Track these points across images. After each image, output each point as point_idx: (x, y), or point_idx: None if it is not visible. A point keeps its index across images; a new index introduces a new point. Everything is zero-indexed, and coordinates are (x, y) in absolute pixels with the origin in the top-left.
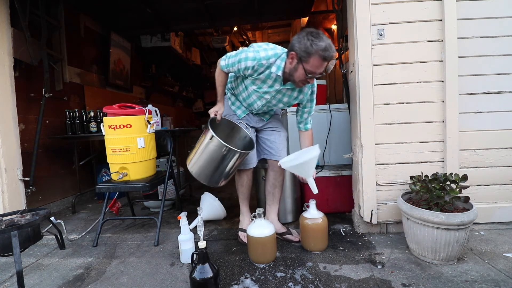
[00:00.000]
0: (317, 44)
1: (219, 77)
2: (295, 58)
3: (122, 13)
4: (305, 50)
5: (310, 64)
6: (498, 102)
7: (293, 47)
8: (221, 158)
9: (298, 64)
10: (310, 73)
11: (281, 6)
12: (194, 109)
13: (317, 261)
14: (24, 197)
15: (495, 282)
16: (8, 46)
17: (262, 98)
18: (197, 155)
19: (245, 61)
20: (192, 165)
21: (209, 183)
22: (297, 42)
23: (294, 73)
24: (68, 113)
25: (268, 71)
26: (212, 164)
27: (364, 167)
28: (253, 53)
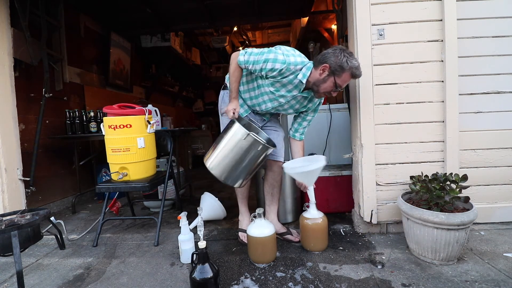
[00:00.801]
0: (352, 62)
1: (235, 73)
2: (327, 70)
3: (122, 13)
4: (340, 65)
5: (341, 79)
6: (498, 102)
7: (326, 60)
8: (253, 157)
9: (329, 76)
10: (339, 86)
11: (281, 6)
12: (194, 109)
13: (317, 261)
14: (24, 197)
15: (495, 282)
16: (8, 46)
17: (275, 101)
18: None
19: (274, 62)
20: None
21: (232, 183)
22: (333, 56)
23: (322, 84)
24: (68, 113)
25: (292, 76)
26: (241, 163)
27: (364, 167)
28: (283, 56)
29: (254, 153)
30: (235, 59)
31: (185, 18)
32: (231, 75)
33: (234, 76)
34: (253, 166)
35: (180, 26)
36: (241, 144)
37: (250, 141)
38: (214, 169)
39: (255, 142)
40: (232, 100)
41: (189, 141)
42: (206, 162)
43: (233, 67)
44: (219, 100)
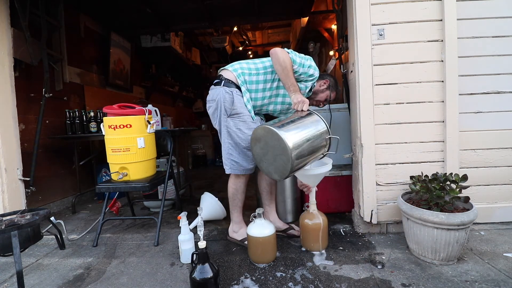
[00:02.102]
0: (338, 88)
1: (291, 66)
2: (327, 84)
3: (122, 13)
4: (334, 86)
5: (332, 94)
6: (498, 102)
7: (328, 79)
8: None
9: (327, 89)
10: (327, 100)
11: (281, 6)
12: (194, 109)
13: (317, 261)
14: (24, 197)
15: (495, 282)
16: (8, 46)
17: (286, 104)
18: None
19: (314, 69)
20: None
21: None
22: (331, 78)
23: (320, 93)
24: (68, 113)
25: (311, 83)
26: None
27: (364, 167)
28: (316, 66)
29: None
30: (287, 55)
31: (185, 18)
32: (289, 69)
33: (291, 71)
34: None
35: (180, 26)
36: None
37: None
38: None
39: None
40: (297, 92)
41: (189, 141)
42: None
43: (288, 61)
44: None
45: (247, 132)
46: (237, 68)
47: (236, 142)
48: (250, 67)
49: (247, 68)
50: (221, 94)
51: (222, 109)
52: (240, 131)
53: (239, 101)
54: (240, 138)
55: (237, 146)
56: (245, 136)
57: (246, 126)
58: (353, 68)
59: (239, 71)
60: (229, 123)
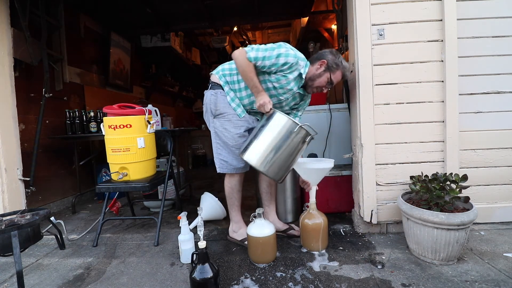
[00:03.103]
0: (345, 63)
1: (250, 67)
2: (324, 66)
3: (122, 13)
4: (336, 63)
5: (335, 75)
6: (498, 102)
7: (324, 57)
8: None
9: (325, 72)
10: (331, 83)
11: (281, 6)
12: (194, 109)
13: (317, 261)
14: (24, 197)
15: (495, 282)
16: (8, 46)
17: (275, 97)
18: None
19: (286, 57)
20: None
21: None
22: (330, 54)
23: (317, 78)
24: (68, 113)
25: (296, 72)
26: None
27: (364, 167)
28: (293, 51)
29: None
30: (243, 55)
31: (185, 18)
32: (247, 71)
33: (251, 72)
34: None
35: (180, 26)
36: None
37: (303, 133)
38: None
39: (306, 134)
40: (262, 93)
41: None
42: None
43: (245, 63)
44: (209, 101)
45: (233, 131)
46: (219, 70)
47: (224, 141)
48: (232, 67)
49: (228, 69)
50: (207, 97)
51: (209, 111)
52: (226, 130)
53: (223, 101)
54: (227, 137)
55: (226, 145)
56: (231, 135)
57: (232, 125)
58: (353, 68)
59: (221, 73)
60: (216, 124)
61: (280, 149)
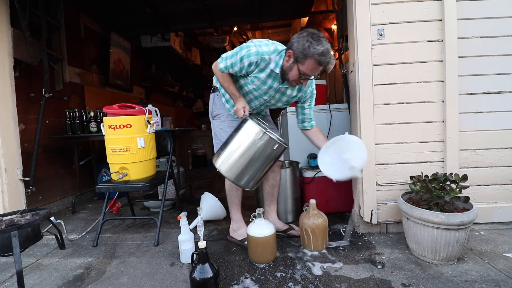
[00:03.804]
0: (315, 48)
1: (224, 77)
2: (292, 57)
3: (122, 13)
4: (302, 51)
5: (305, 66)
6: (498, 102)
7: (291, 46)
8: (268, 156)
9: (294, 64)
10: (304, 75)
11: (281, 6)
12: (194, 109)
13: (317, 261)
14: (24, 197)
15: (495, 282)
16: (8, 46)
17: (261, 98)
18: (235, 154)
19: (248, 57)
20: (226, 165)
21: (246, 185)
22: (296, 41)
23: (289, 71)
24: (68, 113)
25: (268, 68)
26: (257, 163)
27: (364, 167)
28: (256, 48)
29: (270, 152)
30: (216, 68)
31: (185, 18)
32: (222, 81)
33: (226, 81)
34: (267, 166)
35: (180, 26)
36: (257, 143)
37: (266, 140)
38: (226, 171)
39: (272, 140)
40: (238, 99)
41: (189, 141)
42: (216, 163)
43: (219, 75)
44: (210, 104)
45: (228, 131)
46: None
47: (221, 141)
48: None
49: None
50: (210, 99)
51: (209, 113)
52: (222, 130)
53: (219, 103)
54: (223, 137)
55: None
56: (227, 135)
57: (227, 125)
58: (353, 68)
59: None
60: (214, 124)
61: (247, 156)
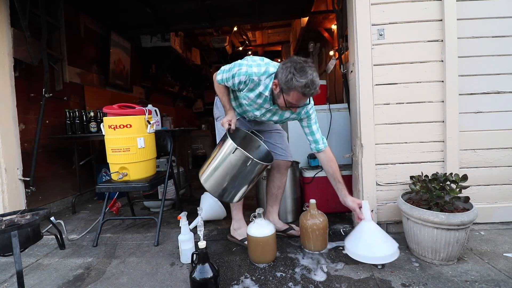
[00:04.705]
0: (298, 80)
1: (219, 89)
2: (278, 86)
3: (122, 13)
4: (285, 83)
5: (290, 97)
6: (498, 102)
7: (277, 75)
8: (246, 172)
9: (280, 93)
10: (290, 104)
11: (281, 6)
12: (194, 109)
13: (317, 261)
14: (24, 197)
15: (495, 282)
16: (8, 46)
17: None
18: (212, 168)
19: (238, 76)
20: (205, 179)
21: (228, 199)
22: (280, 72)
23: (277, 99)
24: (68, 113)
25: (257, 90)
26: (235, 179)
27: (364, 167)
28: (246, 68)
29: (245, 168)
30: (215, 79)
31: (185, 18)
32: (217, 91)
33: (220, 92)
34: (247, 181)
35: (180, 26)
36: (231, 159)
37: (239, 156)
38: (208, 186)
39: (244, 157)
40: (228, 112)
41: (189, 141)
42: (201, 178)
43: (216, 85)
44: (214, 106)
45: None
46: None
47: None
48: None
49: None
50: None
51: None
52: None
53: (220, 106)
54: None
55: None
56: None
57: None
58: (353, 68)
59: None
60: (217, 126)
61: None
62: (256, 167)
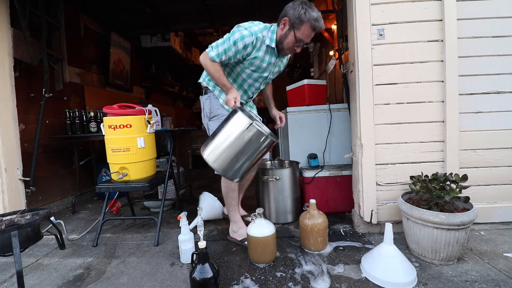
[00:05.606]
0: (310, 14)
1: (215, 67)
2: (287, 24)
3: (122, 13)
4: (298, 17)
5: (301, 32)
6: (498, 102)
7: (286, 13)
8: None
9: (290, 30)
10: (299, 41)
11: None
12: (194, 109)
13: (317, 261)
14: (24, 197)
15: (495, 282)
16: (8, 46)
17: (260, 78)
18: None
19: (242, 39)
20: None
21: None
22: (292, 9)
23: (284, 39)
24: (68, 113)
25: (264, 45)
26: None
27: (364, 167)
28: (247, 30)
29: (258, 144)
30: (206, 58)
31: (185, 18)
32: (213, 71)
33: (217, 71)
34: (255, 158)
35: (180, 26)
36: (244, 135)
37: (253, 132)
38: (213, 161)
39: (259, 132)
40: (230, 89)
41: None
42: (204, 153)
43: (209, 64)
44: (204, 105)
45: None
46: (204, 76)
47: None
48: None
49: None
50: (202, 102)
51: (204, 115)
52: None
53: (216, 104)
54: None
55: None
56: None
57: None
58: (353, 68)
59: (206, 79)
60: (211, 126)
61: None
62: (267, 142)
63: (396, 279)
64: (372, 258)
